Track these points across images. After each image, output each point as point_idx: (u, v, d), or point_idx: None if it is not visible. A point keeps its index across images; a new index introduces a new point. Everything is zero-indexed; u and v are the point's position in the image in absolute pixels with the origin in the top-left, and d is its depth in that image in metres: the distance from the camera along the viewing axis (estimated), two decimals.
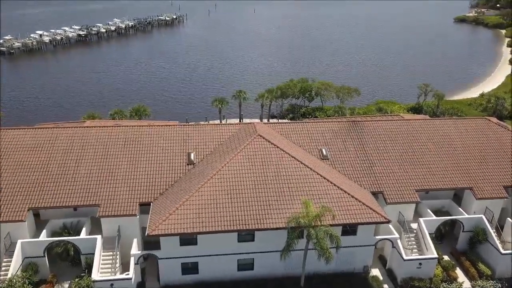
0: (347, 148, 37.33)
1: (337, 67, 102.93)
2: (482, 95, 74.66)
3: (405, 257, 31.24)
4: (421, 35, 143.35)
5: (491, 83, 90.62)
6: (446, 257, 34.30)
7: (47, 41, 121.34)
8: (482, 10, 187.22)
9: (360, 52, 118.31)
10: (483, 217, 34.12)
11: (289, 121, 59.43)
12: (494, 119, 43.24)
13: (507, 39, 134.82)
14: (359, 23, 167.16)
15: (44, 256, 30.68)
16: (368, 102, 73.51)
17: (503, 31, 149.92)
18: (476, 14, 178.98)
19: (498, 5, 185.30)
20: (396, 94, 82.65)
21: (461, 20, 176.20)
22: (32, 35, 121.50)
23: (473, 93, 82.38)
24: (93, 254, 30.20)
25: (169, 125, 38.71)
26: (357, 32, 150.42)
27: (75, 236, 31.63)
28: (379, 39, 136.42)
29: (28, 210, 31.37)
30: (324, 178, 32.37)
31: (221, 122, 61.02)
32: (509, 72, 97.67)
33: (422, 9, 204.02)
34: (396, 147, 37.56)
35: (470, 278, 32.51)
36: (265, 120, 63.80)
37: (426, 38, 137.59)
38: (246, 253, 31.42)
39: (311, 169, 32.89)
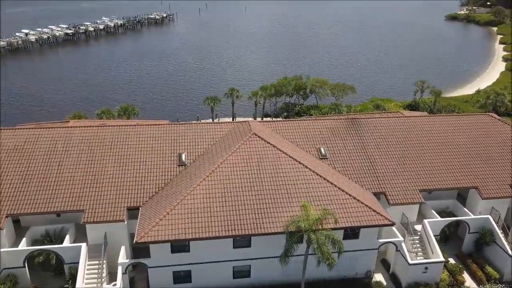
0: (347, 146, 35.60)
1: (331, 64, 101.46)
2: (478, 92, 73.62)
3: (410, 261, 29.59)
4: (413, 33, 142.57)
5: (486, 80, 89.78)
6: (451, 260, 32.77)
7: (33, 40, 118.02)
8: (473, 7, 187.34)
9: (354, 50, 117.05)
10: (490, 217, 32.63)
11: (284, 119, 57.54)
12: (496, 116, 41.88)
13: (499, 36, 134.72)
14: (352, 22, 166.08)
15: (24, 266, 28.45)
16: (363, 99, 71.98)
17: (495, 29, 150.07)
18: (467, 12, 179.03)
19: (488, 3, 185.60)
20: (391, 91, 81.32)
21: (453, 17, 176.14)
22: (17, 34, 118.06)
23: (468, 90, 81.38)
24: (78, 263, 28.03)
25: (159, 125, 36.62)
26: (350, 30, 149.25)
27: (58, 244, 29.40)
28: (372, 38, 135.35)
29: (7, 216, 29.08)
30: (324, 178, 30.58)
31: (213, 121, 59.00)
32: (503, 69, 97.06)
33: (413, 7, 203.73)
34: (397, 145, 35.92)
35: (478, 282, 30.97)
36: (258, 119, 61.90)
37: (418, 36, 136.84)
38: (242, 260, 29.48)
39: (310, 169, 31.08)
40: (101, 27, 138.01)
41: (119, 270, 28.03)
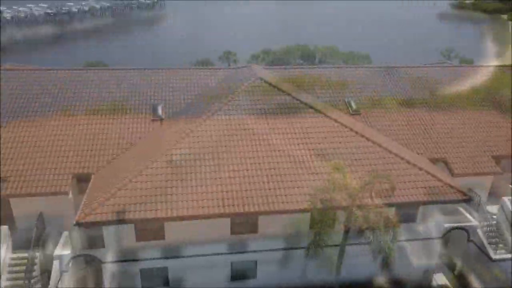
0: (384, 100, 26.24)
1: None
2: (475, 89, 65.48)
3: (493, 256, 20.13)
4: (411, 29, 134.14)
5: (481, 77, 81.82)
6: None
7: (8, 18, 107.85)
8: None
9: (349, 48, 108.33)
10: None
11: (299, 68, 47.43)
12: None
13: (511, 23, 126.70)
14: (348, 21, 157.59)
15: None
16: None
17: (505, 16, 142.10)
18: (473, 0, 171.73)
19: None
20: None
21: (459, 7, 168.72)
22: None
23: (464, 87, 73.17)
24: None
25: (129, 69, 26.99)
26: (347, 30, 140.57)
27: None
28: (367, 37, 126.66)
29: None
30: (361, 135, 21.19)
31: None
32: (499, 64, 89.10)
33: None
34: (452, 99, 26.96)
35: None
36: None
37: (415, 32, 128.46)
38: (244, 253, 19.89)
39: (338, 122, 21.66)
40: (86, 8, 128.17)
41: (55, 266, 18.37)
